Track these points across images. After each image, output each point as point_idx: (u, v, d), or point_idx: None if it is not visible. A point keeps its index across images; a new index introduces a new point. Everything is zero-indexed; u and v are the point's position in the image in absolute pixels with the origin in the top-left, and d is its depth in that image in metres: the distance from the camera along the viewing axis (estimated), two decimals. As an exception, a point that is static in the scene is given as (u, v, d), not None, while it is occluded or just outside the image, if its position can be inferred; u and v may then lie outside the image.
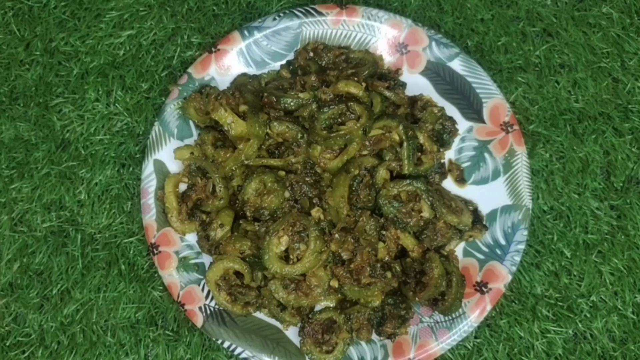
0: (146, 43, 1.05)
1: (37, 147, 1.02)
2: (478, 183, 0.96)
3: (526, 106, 1.01)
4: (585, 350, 0.95)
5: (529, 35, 1.04)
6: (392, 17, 0.98)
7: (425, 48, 0.98)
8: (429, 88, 0.98)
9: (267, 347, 0.92)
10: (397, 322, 0.90)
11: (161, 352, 0.96)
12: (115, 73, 1.04)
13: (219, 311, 0.94)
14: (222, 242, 0.93)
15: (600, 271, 0.97)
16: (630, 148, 1.00)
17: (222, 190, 0.93)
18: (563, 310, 0.96)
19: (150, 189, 0.96)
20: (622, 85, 1.02)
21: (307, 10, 0.98)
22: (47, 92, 1.04)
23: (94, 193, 1.01)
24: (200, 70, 0.98)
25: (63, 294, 0.99)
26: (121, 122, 1.03)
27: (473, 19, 1.05)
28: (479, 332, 0.96)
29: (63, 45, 1.05)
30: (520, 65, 1.03)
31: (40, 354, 0.97)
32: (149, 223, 0.95)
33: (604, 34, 1.04)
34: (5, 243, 1.00)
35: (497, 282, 0.92)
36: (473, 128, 0.97)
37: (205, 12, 1.06)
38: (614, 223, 0.98)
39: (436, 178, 0.95)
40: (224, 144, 0.94)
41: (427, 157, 0.92)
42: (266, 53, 0.99)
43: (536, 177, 0.99)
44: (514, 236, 0.93)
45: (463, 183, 0.96)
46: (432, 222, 0.90)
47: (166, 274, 0.94)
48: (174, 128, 0.98)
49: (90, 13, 1.06)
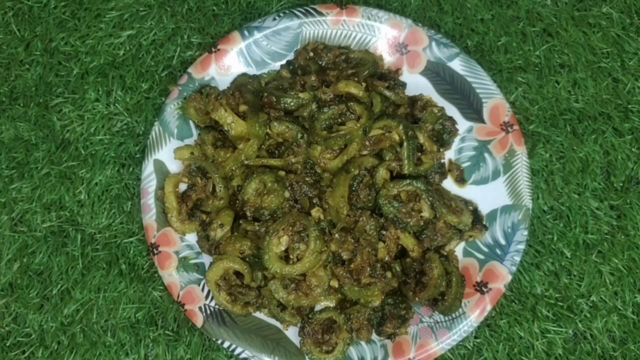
0: (146, 43, 1.05)
1: (37, 147, 1.02)
2: (478, 183, 0.96)
3: (526, 106, 1.01)
4: (585, 350, 0.95)
5: (529, 35, 1.04)
6: (392, 17, 0.98)
7: (425, 48, 0.98)
8: (429, 88, 0.98)
9: (267, 347, 0.92)
10: (397, 322, 0.90)
11: (161, 352, 0.96)
12: (115, 73, 1.04)
13: (219, 311, 0.94)
14: (222, 242, 0.93)
15: (600, 271, 0.97)
16: (630, 148, 1.00)
17: (222, 190, 0.93)
18: (563, 310, 0.96)
19: (150, 189, 0.96)
20: (622, 85, 1.02)
21: (307, 10, 0.98)
22: (47, 92, 1.04)
23: (94, 193, 1.01)
24: (200, 70, 0.98)
25: (63, 294, 0.99)
26: (121, 122, 1.03)
27: (473, 19, 1.05)
28: (479, 332, 0.96)
29: (63, 45, 1.05)
30: (520, 65, 1.03)
31: (40, 354, 0.97)
32: (149, 223, 0.95)
33: (604, 34, 1.04)
34: (5, 243, 1.00)
35: (497, 282, 0.92)
36: (473, 128, 0.97)
37: (205, 12, 1.06)
38: (614, 223, 0.98)
39: (436, 178, 0.95)
40: (224, 144, 0.94)
41: (427, 157, 0.92)
42: (266, 53, 0.99)
43: (536, 177, 0.99)
44: (514, 236, 0.93)
45: (463, 183, 0.96)
46: (432, 222, 0.90)
47: (166, 274, 0.94)
48: (174, 128, 0.98)
49: (90, 13, 1.06)
